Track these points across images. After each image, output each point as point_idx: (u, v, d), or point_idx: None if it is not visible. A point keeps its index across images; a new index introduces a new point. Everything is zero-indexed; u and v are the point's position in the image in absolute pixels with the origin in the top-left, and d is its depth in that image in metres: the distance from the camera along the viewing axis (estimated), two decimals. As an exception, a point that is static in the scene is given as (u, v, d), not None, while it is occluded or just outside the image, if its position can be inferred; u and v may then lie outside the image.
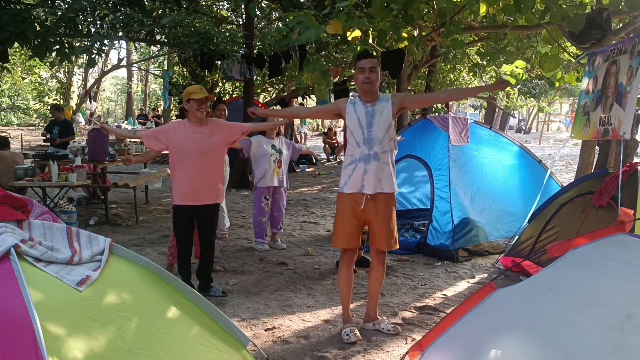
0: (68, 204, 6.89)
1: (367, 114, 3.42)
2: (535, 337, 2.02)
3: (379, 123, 3.40)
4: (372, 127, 3.40)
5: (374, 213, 3.45)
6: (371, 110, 3.43)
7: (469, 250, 5.45)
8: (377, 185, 3.41)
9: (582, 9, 5.10)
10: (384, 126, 3.40)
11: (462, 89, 3.32)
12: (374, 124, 3.40)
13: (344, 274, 3.59)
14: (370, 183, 3.41)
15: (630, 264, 2.02)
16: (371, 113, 3.42)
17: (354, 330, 3.50)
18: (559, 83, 8.60)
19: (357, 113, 3.45)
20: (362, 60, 3.46)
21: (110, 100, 40.36)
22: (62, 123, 8.93)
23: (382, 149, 3.40)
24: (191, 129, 3.99)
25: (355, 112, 3.46)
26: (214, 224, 4.26)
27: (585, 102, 4.54)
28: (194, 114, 3.98)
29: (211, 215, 4.17)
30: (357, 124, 3.43)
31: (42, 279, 1.96)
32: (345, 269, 3.59)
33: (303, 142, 19.55)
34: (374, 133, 3.40)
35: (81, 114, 22.45)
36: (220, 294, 4.22)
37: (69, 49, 6.91)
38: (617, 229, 2.26)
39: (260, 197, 5.65)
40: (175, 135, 3.99)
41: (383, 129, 3.40)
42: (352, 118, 3.46)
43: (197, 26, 8.08)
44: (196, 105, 3.95)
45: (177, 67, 16.38)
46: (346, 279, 3.59)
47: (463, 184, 5.73)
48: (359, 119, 3.43)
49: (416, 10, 5.41)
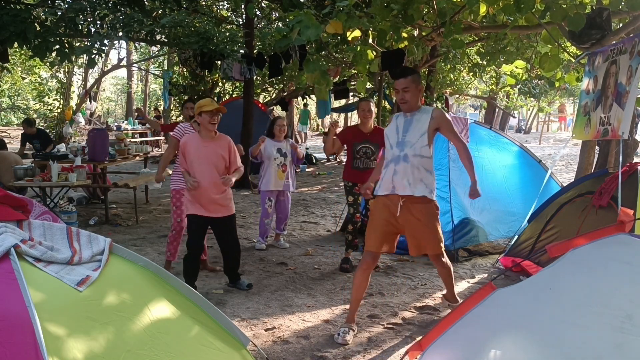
0: (68, 204, 6.89)
1: (405, 122, 3.57)
2: (535, 337, 2.02)
3: (414, 129, 3.51)
4: (407, 132, 3.52)
5: (410, 219, 3.48)
6: (410, 119, 3.56)
7: (469, 250, 5.45)
8: (406, 187, 3.45)
9: (582, 8, 5.10)
10: (418, 132, 3.49)
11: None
12: (409, 130, 3.52)
13: (357, 277, 3.55)
14: (399, 184, 3.47)
15: (630, 264, 2.02)
16: (409, 122, 3.55)
17: (347, 332, 3.47)
18: (559, 83, 8.60)
19: (397, 122, 3.63)
20: (395, 82, 3.59)
21: (110, 100, 40.35)
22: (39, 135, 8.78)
23: (413, 152, 3.46)
24: (202, 143, 4.07)
25: (395, 121, 3.65)
26: (235, 236, 4.35)
27: (586, 102, 4.54)
28: (207, 126, 4.03)
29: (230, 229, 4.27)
30: (394, 129, 3.60)
31: (42, 279, 1.96)
32: (360, 273, 3.54)
33: (303, 142, 19.57)
34: (407, 137, 3.52)
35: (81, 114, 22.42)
36: (244, 287, 4.38)
37: (69, 49, 6.90)
38: (617, 229, 2.26)
39: (264, 199, 5.69)
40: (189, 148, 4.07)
41: (417, 135, 3.49)
42: (392, 126, 3.64)
43: (197, 26, 8.07)
44: (208, 118, 4.00)
45: (177, 67, 16.36)
46: (359, 283, 3.54)
47: (463, 184, 5.73)
48: (397, 126, 3.60)
49: (416, 10, 5.41)
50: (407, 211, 3.46)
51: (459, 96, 19.77)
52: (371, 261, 3.55)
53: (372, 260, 3.56)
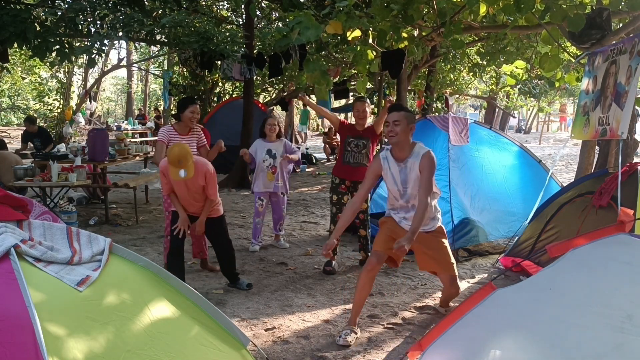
0: (68, 204, 6.89)
1: (400, 172, 3.55)
2: (535, 337, 2.02)
3: (412, 180, 3.52)
4: (407, 184, 3.55)
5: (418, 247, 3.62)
6: (404, 169, 3.54)
7: (469, 250, 5.45)
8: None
9: (582, 9, 5.11)
10: (417, 183, 3.51)
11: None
12: (407, 181, 3.54)
13: (362, 279, 3.52)
14: (408, 225, 3.53)
15: (630, 264, 2.02)
16: (404, 171, 3.54)
17: (349, 334, 3.46)
18: (559, 83, 8.61)
19: (391, 170, 3.59)
20: (388, 115, 3.59)
21: (110, 100, 40.36)
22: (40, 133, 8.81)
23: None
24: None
25: (390, 170, 3.60)
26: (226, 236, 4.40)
27: (585, 102, 4.54)
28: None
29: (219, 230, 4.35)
30: (392, 180, 3.60)
31: (42, 279, 1.96)
32: (364, 274, 3.52)
33: (303, 142, 19.56)
34: (409, 189, 3.55)
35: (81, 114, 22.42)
36: (244, 286, 4.40)
37: (69, 49, 6.90)
38: (617, 229, 2.26)
39: (256, 199, 5.71)
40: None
41: (417, 186, 3.51)
42: (387, 174, 3.61)
43: (197, 26, 8.07)
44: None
45: (177, 67, 16.37)
46: (362, 285, 3.52)
47: (463, 184, 5.73)
48: (393, 175, 3.59)
49: (416, 10, 5.41)
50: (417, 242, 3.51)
51: (459, 96, 19.77)
52: (376, 262, 3.53)
53: (377, 261, 3.53)
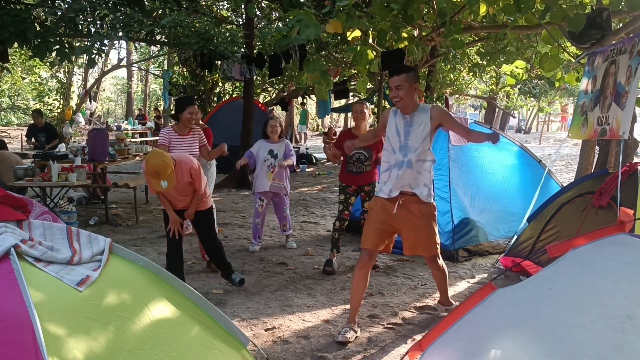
0: (68, 204, 6.89)
1: (405, 124, 3.49)
2: (535, 337, 2.02)
3: (416, 133, 3.45)
4: (409, 135, 3.47)
5: (408, 216, 3.47)
6: (410, 121, 3.48)
7: (469, 250, 5.45)
8: (408, 189, 3.45)
9: (582, 9, 5.11)
10: (420, 136, 3.44)
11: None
12: (410, 133, 3.47)
13: (355, 276, 3.53)
14: (398, 186, 3.46)
15: (630, 264, 2.02)
16: (410, 124, 3.47)
17: (348, 331, 3.47)
18: (559, 83, 8.61)
19: (396, 122, 3.53)
20: (390, 79, 3.53)
21: (110, 100, 40.35)
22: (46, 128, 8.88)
23: (416, 158, 3.44)
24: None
25: (394, 120, 3.54)
26: (212, 227, 4.36)
27: (584, 102, 4.55)
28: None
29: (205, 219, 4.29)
30: (394, 131, 3.52)
31: (42, 279, 1.96)
32: (357, 271, 3.52)
33: (303, 142, 19.57)
34: (410, 141, 3.46)
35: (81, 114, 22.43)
36: (237, 281, 4.35)
37: (69, 49, 6.91)
38: (617, 229, 2.26)
39: (256, 199, 5.70)
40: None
41: (419, 139, 3.44)
42: (391, 126, 3.54)
43: (197, 26, 8.08)
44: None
45: (177, 67, 16.38)
46: (357, 282, 3.52)
47: (463, 184, 5.73)
48: (397, 127, 3.51)
49: (416, 10, 5.41)
50: (405, 209, 3.46)
51: (459, 96, 19.79)
52: (368, 259, 3.52)
53: (369, 258, 3.53)
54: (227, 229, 6.66)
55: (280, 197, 5.70)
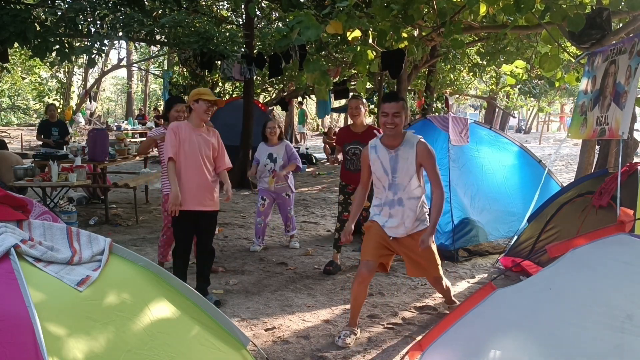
0: (68, 204, 6.89)
1: (391, 159, 3.37)
2: (535, 337, 2.02)
3: (403, 170, 3.36)
4: (396, 173, 3.37)
5: (406, 245, 3.46)
6: (395, 156, 3.37)
7: (469, 250, 5.45)
8: (403, 231, 3.41)
9: (582, 9, 5.11)
10: (408, 174, 3.36)
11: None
12: (397, 170, 3.37)
13: (354, 289, 3.45)
14: (392, 228, 3.41)
15: (630, 264, 2.02)
16: (395, 159, 3.37)
17: (348, 335, 3.45)
18: (559, 83, 8.61)
19: (380, 159, 3.40)
20: (385, 104, 3.34)
21: (110, 100, 40.35)
22: (59, 123, 8.89)
23: (407, 196, 3.38)
24: (194, 131, 3.92)
25: (378, 158, 3.41)
26: (213, 231, 4.22)
27: (583, 101, 4.55)
28: (201, 115, 3.91)
29: (211, 223, 4.10)
30: (381, 170, 3.41)
31: (42, 279, 1.96)
32: (357, 286, 3.43)
33: (303, 142, 19.57)
34: (397, 179, 3.37)
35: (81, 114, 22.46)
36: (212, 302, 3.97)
37: (69, 49, 6.91)
38: (617, 229, 2.26)
39: (259, 198, 5.71)
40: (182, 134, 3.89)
41: (407, 177, 3.36)
42: (376, 164, 3.42)
43: (197, 26, 8.07)
44: (205, 107, 3.90)
45: (177, 67, 16.38)
46: (357, 294, 3.47)
47: (463, 184, 5.73)
48: (382, 163, 3.39)
49: (416, 10, 5.42)
50: (405, 248, 3.45)
51: (459, 96, 19.78)
52: (367, 274, 3.41)
53: (368, 272, 3.42)
54: (227, 229, 6.66)
55: (283, 197, 5.69)
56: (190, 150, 3.88)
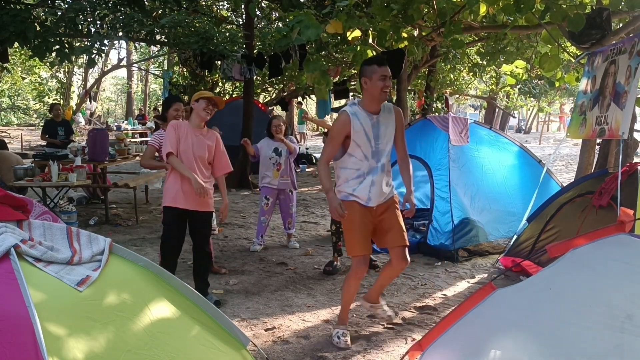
0: (68, 204, 6.89)
1: (373, 127, 3.29)
2: (535, 337, 2.02)
3: (385, 135, 3.33)
4: (379, 139, 3.31)
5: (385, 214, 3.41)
6: (376, 122, 3.30)
7: (469, 250, 5.45)
8: (381, 196, 3.38)
9: (582, 9, 5.11)
10: (389, 139, 3.36)
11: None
12: (380, 136, 3.31)
13: (353, 286, 3.45)
14: (375, 196, 3.34)
15: (630, 264, 2.01)
16: (377, 125, 3.30)
17: (346, 335, 3.45)
18: (559, 83, 8.61)
19: (363, 125, 3.28)
20: (382, 67, 3.24)
21: (110, 100, 40.34)
22: (64, 123, 8.89)
23: (386, 159, 3.38)
24: (191, 131, 3.94)
25: (361, 124, 3.28)
26: (208, 233, 4.18)
27: (583, 101, 4.55)
28: (200, 113, 3.92)
29: (205, 223, 4.07)
30: (363, 135, 3.28)
31: (42, 279, 1.95)
32: (354, 282, 3.43)
33: (303, 142, 19.57)
34: (380, 145, 3.32)
35: (81, 114, 22.46)
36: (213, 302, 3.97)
37: (69, 49, 6.91)
38: (617, 229, 2.25)
39: (262, 197, 5.70)
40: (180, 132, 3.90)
41: (389, 142, 3.37)
42: (358, 131, 3.28)
43: (197, 26, 8.08)
44: (204, 105, 3.91)
45: (177, 67, 16.39)
46: (353, 292, 3.48)
47: (463, 184, 5.73)
48: (365, 130, 3.28)
49: (416, 10, 5.42)
50: (382, 209, 3.41)
51: (459, 96, 19.78)
52: (365, 267, 3.43)
53: (366, 265, 3.45)
54: (227, 229, 6.66)
55: (286, 194, 5.71)
56: (183, 150, 3.89)
